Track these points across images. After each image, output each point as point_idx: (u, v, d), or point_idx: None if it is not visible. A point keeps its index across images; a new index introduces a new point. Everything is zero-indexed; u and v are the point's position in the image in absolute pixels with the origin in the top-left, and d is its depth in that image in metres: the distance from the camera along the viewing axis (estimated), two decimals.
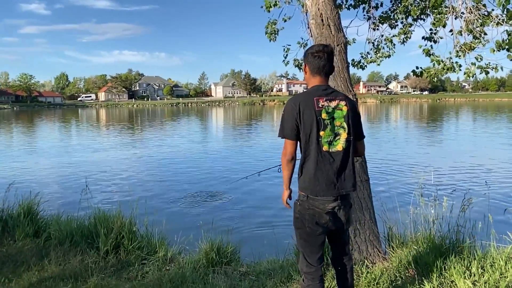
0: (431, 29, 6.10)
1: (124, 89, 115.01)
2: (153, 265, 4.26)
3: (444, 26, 5.47)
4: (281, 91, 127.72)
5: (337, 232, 2.67)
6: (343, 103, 2.56)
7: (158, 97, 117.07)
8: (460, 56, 5.65)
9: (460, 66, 5.85)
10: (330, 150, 2.52)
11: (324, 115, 2.50)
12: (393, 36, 6.83)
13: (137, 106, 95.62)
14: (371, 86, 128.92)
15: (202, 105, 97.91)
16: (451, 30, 5.52)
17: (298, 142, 2.57)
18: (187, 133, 29.30)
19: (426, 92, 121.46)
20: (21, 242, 4.79)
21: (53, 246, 4.62)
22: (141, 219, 4.93)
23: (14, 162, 15.32)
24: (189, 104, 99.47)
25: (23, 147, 20.66)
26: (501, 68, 5.31)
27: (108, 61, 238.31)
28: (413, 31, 6.72)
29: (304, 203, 2.57)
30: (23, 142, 23.50)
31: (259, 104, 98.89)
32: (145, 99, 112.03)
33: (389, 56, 7.09)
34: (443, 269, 3.61)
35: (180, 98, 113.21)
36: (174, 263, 4.40)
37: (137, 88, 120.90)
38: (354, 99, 4.36)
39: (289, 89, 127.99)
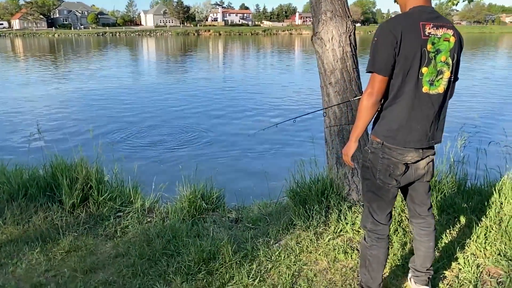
0: None
1: (42, 16, 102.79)
2: (131, 218, 3.76)
3: None
4: (216, 20, 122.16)
5: (415, 186, 2.30)
6: (450, 32, 2.02)
7: (82, 26, 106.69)
8: None
9: None
10: (430, 92, 2.03)
11: (429, 46, 1.96)
12: None
13: (58, 35, 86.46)
14: (306, 17, 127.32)
15: (132, 34, 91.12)
16: None
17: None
18: (120, 64, 27.23)
19: (359, 24, 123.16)
20: None
21: (4, 202, 3.89)
22: (108, 166, 4.30)
23: None
24: (117, 33, 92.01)
25: None
26: None
27: None
28: None
29: (377, 151, 2.13)
30: None
31: (194, 34, 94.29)
32: (67, 28, 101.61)
33: None
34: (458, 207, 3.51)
35: (107, 27, 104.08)
36: (154, 213, 3.93)
37: (57, 15, 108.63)
38: (352, 27, 3.93)
39: (225, 18, 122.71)
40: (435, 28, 1.98)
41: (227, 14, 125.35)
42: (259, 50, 47.51)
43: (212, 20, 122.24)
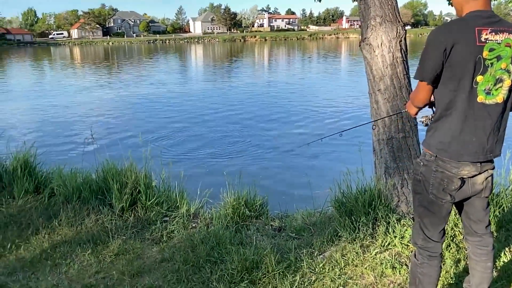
0: None
1: (98, 26, 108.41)
2: (177, 223, 3.82)
3: None
4: (263, 26, 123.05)
5: (472, 202, 2.15)
6: None
7: (134, 34, 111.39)
8: None
9: None
10: (487, 102, 1.90)
11: (485, 53, 1.84)
12: None
13: (112, 43, 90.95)
14: (354, 21, 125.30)
15: (181, 42, 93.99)
16: None
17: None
18: (172, 72, 28.10)
19: (409, 27, 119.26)
20: (22, 200, 4.24)
21: (60, 204, 4.11)
22: (156, 171, 4.41)
23: None
24: (167, 41, 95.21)
25: None
26: None
27: None
28: None
29: (430, 163, 2.03)
30: None
31: (240, 40, 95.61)
32: (121, 36, 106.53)
33: None
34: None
35: (157, 35, 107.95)
36: (199, 219, 3.98)
37: (112, 24, 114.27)
38: (403, 32, 3.79)
39: (271, 24, 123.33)
40: (493, 34, 1.84)
41: (273, 19, 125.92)
42: (304, 55, 47.26)
43: (259, 26, 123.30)
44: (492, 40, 1.84)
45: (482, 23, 1.85)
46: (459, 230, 3.23)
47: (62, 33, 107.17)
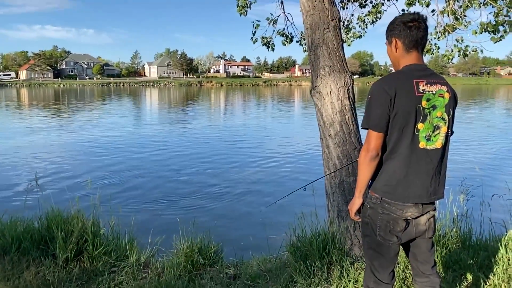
0: (403, 9, 5.86)
1: (49, 68, 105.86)
2: (126, 273, 3.62)
3: (428, 5, 5.26)
4: (219, 72, 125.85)
5: (417, 243, 2.23)
6: (444, 88, 2.07)
7: (87, 77, 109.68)
8: (439, 37, 5.51)
9: (439, 48, 5.73)
10: (428, 148, 2.05)
11: (424, 103, 2.01)
12: (365, 15, 6.56)
13: (63, 86, 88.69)
14: (305, 69, 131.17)
15: (136, 85, 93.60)
16: (433, 10, 5.34)
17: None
18: (125, 115, 27.66)
19: (357, 76, 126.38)
20: None
21: None
22: (104, 218, 4.21)
23: None
24: (121, 84, 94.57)
25: None
26: (481, 51, 5.26)
27: (29, 36, 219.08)
28: (385, 10, 6.49)
29: (376, 206, 2.11)
30: None
31: (196, 85, 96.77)
32: (73, 78, 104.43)
33: (360, 36, 6.84)
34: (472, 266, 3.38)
35: (111, 78, 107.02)
36: (150, 269, 3.79)
37: (64, 66, 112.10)
38: (350, 81, 4.01)
39: (227, 70, 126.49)
40: (429, 85, 2.04)
41: (229, 66, 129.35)
42: (259, 100, 48.45)
43: (215, 72, 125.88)
44: (428, 91, 2.03)
45: (418, 75, 2.05)
46: (409, 273, 3.30)
47: (10, 74, 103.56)
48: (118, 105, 38.65)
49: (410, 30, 2.07)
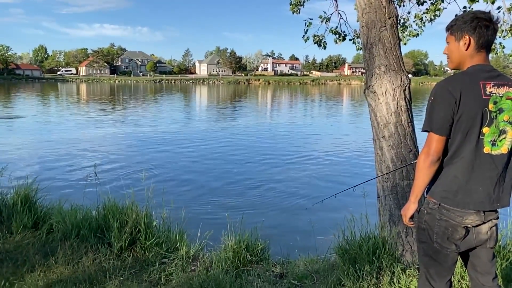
0: (464, 7, 5.57)
1: (106, 64, 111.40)
2: (176, 265, 3.73)
3: (493, 2, 4.97)
4: (267, 70, 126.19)
5: (477, 253, 2.13)
6: None
7: (141, 73, 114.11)
8: (505, 36, 5.19)
9: (504, 47, 5.40)
10: (493, 153, 1.95)
11: (491, 106, 1.92)
12: (423, 13, 6.30)
13: (119, 81, 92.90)
14: (356, 68, 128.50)
15: (186, 82, 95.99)
16: (499, 7, 5.03)
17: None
18: (177, 111, 28.49)
19: (410, 76, 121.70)
20: (19, 235, 4.16)
21: (58, 241, 4.03)
22: (156, 211, 4.36)
23: None
24: (173, 81, 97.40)
25: (1, 124, 19.55)
26: None
27: (88, 34, 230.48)
28: (445, 8, 6.20)
29: (434, 212, 2.03)
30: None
31: (244, 83, 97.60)
32: (128, 74, 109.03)
33: (417, 35, 6.59)
34: None
35: (164, 75, 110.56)
36: (198, 262, 3.88)
37: (119, 63, 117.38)
38: (407, 81, 3.87)
39: (275, 68, 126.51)
40: (496, 87, 1.93)
41: (277, 64, 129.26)
42: (306, 99, 48.06)
43: (263, 70, 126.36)
44: (495, 93, 1.92)
45: (485, 77, 1.93)
46: (466, 283, 3.14)
47: (70, 70, 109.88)
48: (169, 101, 39.86)
49: (487, 29, 1.95)
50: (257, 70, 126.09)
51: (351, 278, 3.26)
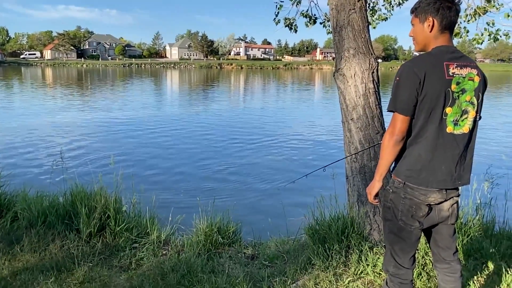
0: None
1: (72, 48, 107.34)
2: (146, 250, 3.71)
3: None
4: (239, 54, 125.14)
5: (439, 229, 2.20)
6: (474, 71, 2.01)
7: (110, 57, 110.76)
8: (469, 20, 5.32)
9: (468, 31, 5.54)
10: (455, 132, 2.00)
11: (454, 87, 1.95)
12: None
13: (86, 66, 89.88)
14: (327, 53, 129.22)
15: (156, 66, 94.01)
16: None
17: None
18: (146, 96, 27.94)
19: (380, 60, 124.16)
20: None
21: (23, 229, 3.91)
22: (126, 196, 4.29)
23: None
24: (143, 65, 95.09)
25: None
26: None
27: (53, 16, 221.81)
28: None
29: (399, 190, 2.08)
30: None
31: (216, 67, 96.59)
32: (95, 58, 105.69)
33: (386, 19, 6.67)
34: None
35: (133, 59, 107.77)
36: (170, 246, 3.87)
37: (87, 46, 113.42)
38: (375, 64, 3.93)
39: (247, 53, 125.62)
40: (459, 68, 1.98)
41: (250, 48, 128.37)
42: (278, 84, 48.12)
43: (235, 54, 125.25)
44: (458, 74, 1.97)
45: (449, 58, 1.98)
46: (429, 259, 3.27)
47: (35, 53, 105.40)
48: (139, 85, 39.02)
49: (450, 10, 1.99)
50: (230, 54, 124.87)
51: (321, 257, 3.33)
